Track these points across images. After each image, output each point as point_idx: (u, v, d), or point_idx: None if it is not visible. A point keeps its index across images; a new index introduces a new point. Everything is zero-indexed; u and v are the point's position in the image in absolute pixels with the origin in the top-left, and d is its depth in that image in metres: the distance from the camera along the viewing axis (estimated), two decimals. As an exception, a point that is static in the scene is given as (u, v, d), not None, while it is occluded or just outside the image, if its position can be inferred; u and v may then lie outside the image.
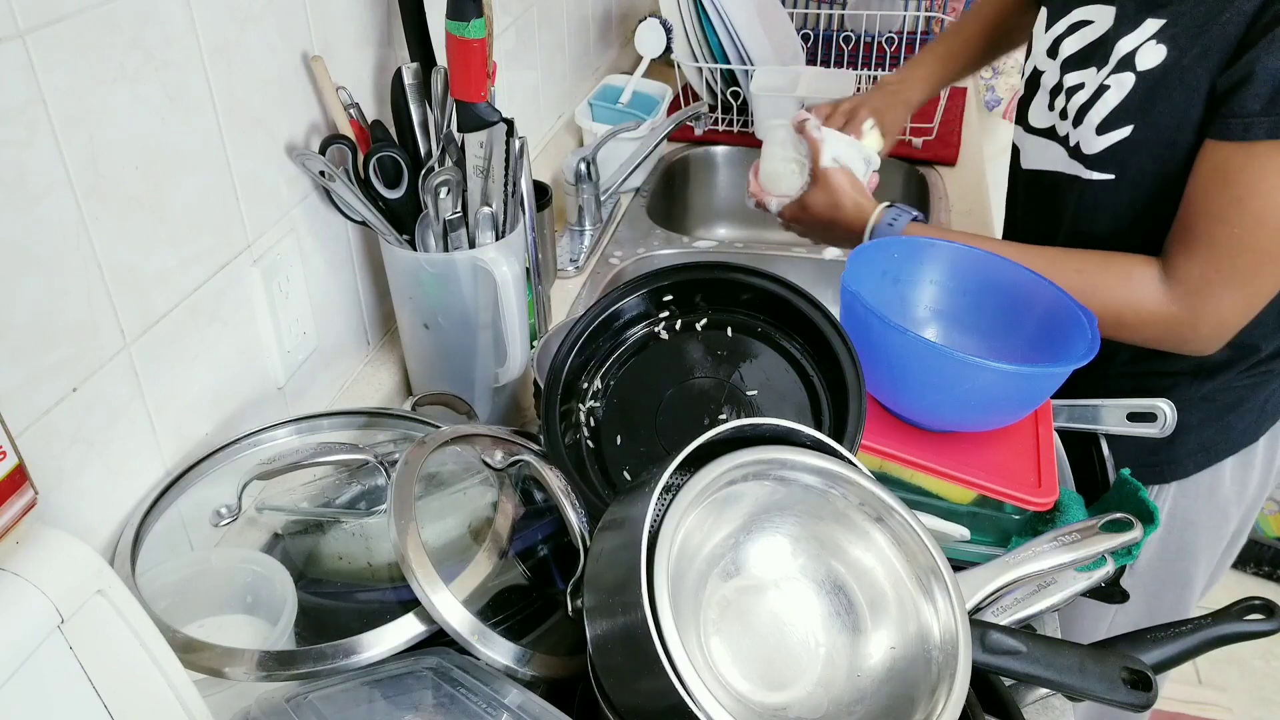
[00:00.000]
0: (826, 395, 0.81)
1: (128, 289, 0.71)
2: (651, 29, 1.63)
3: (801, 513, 0.67)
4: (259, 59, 0.82)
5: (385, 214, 0.92)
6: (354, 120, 0.92)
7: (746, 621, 0.64)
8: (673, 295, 0.86)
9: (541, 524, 0.78)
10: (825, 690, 0.62)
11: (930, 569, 0.64)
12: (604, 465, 0.81)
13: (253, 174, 0.83)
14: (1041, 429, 0.88)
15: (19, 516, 0.54)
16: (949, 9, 1.86)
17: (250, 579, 0.73)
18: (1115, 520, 0.76)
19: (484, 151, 0.91)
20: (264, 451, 0.83)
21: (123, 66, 0.67)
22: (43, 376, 0.65)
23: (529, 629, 0.71)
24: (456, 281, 0.93)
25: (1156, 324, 0.89)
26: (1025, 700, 0.77)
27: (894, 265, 0.95)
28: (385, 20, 1.00)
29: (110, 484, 0.72)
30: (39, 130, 0.62)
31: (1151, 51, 0.88)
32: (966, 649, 0.61)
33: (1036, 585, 0.76)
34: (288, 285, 0.89)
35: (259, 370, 0.89)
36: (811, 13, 1.94)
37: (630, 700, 0.59)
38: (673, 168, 1.69)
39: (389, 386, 1.06)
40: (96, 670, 0.55)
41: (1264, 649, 2.09)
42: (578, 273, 1.38)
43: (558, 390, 0.81)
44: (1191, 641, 0.73)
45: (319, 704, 0.61)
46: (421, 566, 0.66)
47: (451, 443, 0.78)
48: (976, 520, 0.84)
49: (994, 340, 0.92)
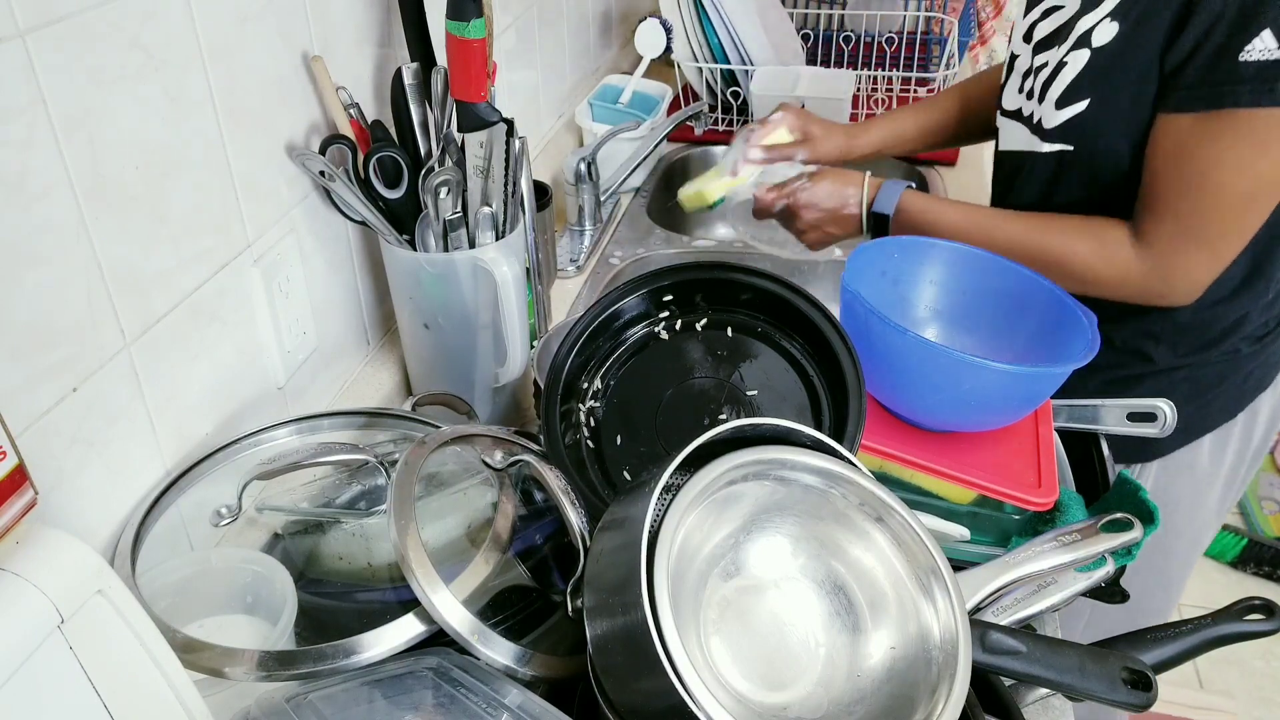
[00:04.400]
0: (826, 395, 0.81)
1: (128, 289, 0.71)
2: (651, 29, 1.63)
3: (801, 513, 0.67)
4: (259, 59, 0.82)
5: (385, 214, 0.92)
6: (354, 120, 0.92)
7: (746, 621, 0.64)
8: (673, 295, 0.86)
9: (541, 524, 0.78)
10: (825, 690, 0.62)
11: (930, 569, 0.64)
12: (604, 465, 0.81)
13: (253, 174, 0.83)
14: (1041, 429, 0.89)
15: (19, 516, 0.54)
16: (949, 9, 1.86)
17: (250, 579, 0.73)
18: (1115, 520, 0.76)
19: (484, 151, 0.91)
20: (264, 451, 0.83)
21: (123, 66, 0.67)
22: (43, 376, 0.65)
23: (529, 629, 0.71)
24: (456, 281, 0.93)
25: (1130, 282, 0.93)
26: (1025, 700, 0.77)
27: (894, 265, 0.95)
28: (385, 20, 1.00)
29: (110, 484, 0.72)
30: (39, 130, 0.62)
31: (1105, 28, 0.90)
32: (966, 649, 0.61)
33: (1036, 585, 0.76)
34: (288, 285, 0.89)
35: (259, 370, 0.89)
36: (811, 13, 1.94)
37: (630, 700, 0.59)
38: (673, 168, 1.69)
39: (389, 386, 1.06)
40: (96, 670, 0.55)
41: (1264, 649, 2.09)
42: (578, 273, 1.38)
43: (558, 390, 0.81)
44: (1191, 641, 0.73)
45: (319, 704, 0.61)
46: (421, 566, 0.66)
47: (451, 443, 0.78)
48: (976, 520, 0.84)
49: (994, 340, 0.92)
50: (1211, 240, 0.89)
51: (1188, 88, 0.84)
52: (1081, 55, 0.92)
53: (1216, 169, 0.85)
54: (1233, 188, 0.85)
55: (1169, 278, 0.91)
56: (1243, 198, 0.86)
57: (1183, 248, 0.89)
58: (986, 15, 2.33)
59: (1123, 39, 0.89)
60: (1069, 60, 0.93)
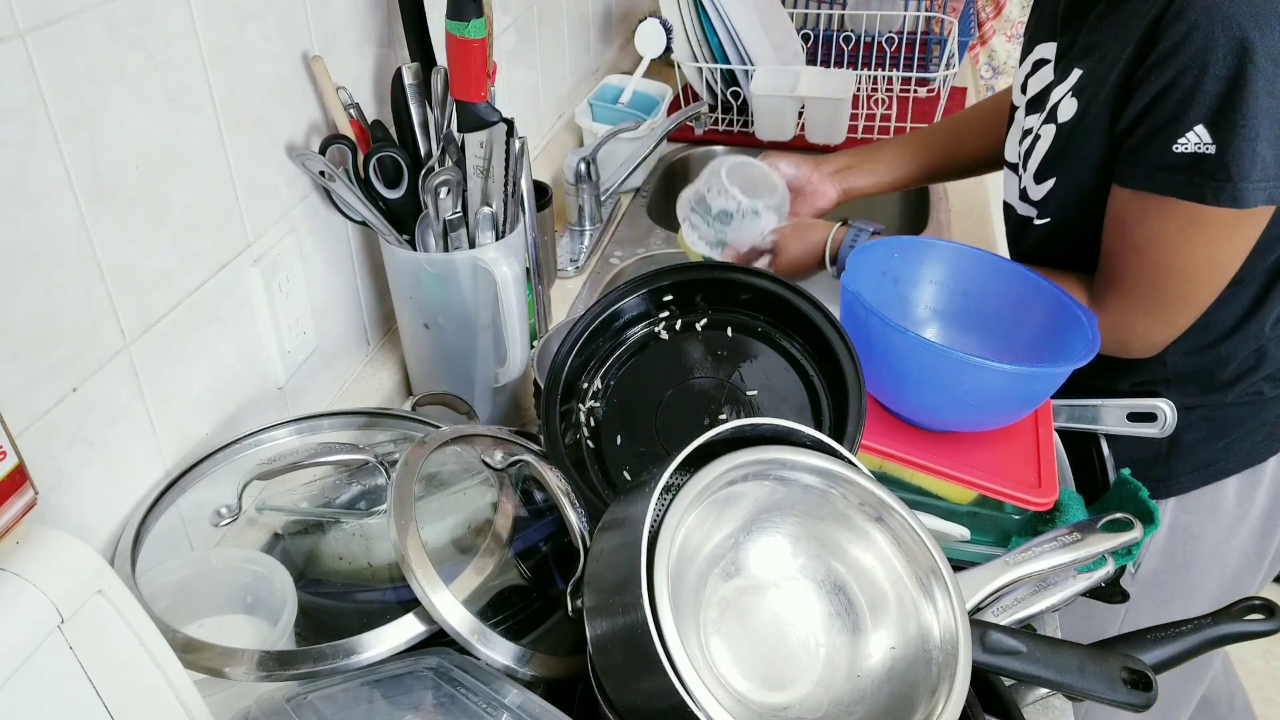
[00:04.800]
0: (826, 395, 0.81)
1: (128, 289, 0.71)
2: (651, 29, 1.63)
3: (801, 513, 0.67)
4: (259, 59, 0.82)
5: (385, 214, 0.92)
6: (354, 120, 0.92)
7: (746, 621, 0.64)
8: (673, 295, 0.86)
9: (541, 524, 0.78)
10: (825, 690, 0.62)
11: (930, 569, 0.64)
12: (604, 465, 0.81)
13: (253, 174, 0.83)
14: (1041, 429, 0.88)
15: (19, 516, 0.54)
16: (949, 9, 1.86)
17: (250, 579, 0.73)
18: (1115, 520, 0.76)
19: (484, 151, 0.91)
20: (264, 451, 0.83)
21: (123, 66, 0.67)
22: (43, 376, 0.65)
23: (529, 629, 0.71)
24: (456, 281, 0.93)
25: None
26: (1025, 700, 0.77)
27: (894, 265, 0.95)
28: (385, 20, 1.00)
29: (110, 484, 0.72)
30: (39, 130, 0.62)
31: (1068, 104, 0.90)
32: (966, 649, 0.61)
33: (1036, 585, 0.76)
34: (288, 285, 0.89)
35: (259, 370, 0.89)
36: (811, 13, 1.94)
37: (630, 700, 0.59)
38: (673, 168, 1.69)
39: (389, 386, 1.06)
40: (96, 670, 0.55)
41: (1264, 649, 2.09)
42: (578, 273, 1.38)
43: (558, 390, 0.81)
44: (1191, 641, 0.73)
45: (319, 704, 0.61)
46: (421, 566, 0.66)
47: (451, 443, 0.78)
48: (976, 520, 0.84)
49: (994, 340, 0.92)
50: (1159, 309, 0.89)
51: (1125, 163, 0.84)
52: (1049, 130, 0.92)
53: (1151, 245, 0.85)
54: (1169, 265, 0.85)
55: (1124, 339, 0.91)
56: (1180, 275, 0.86)
57: (1132, 314, 0.90)
58: (986, 15, 2.34)
59: (1079, 116, 0.89)
60: (1041, 134, 0.94)
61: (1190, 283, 0.87)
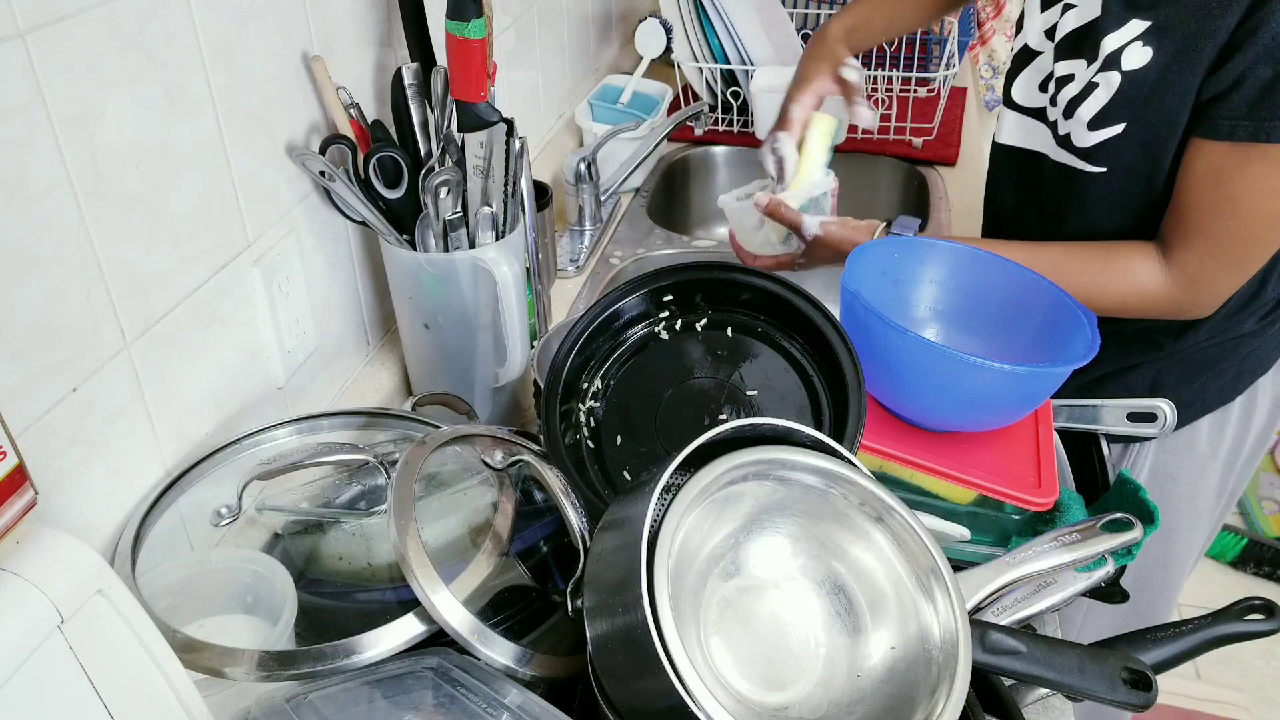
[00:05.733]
0: (826, 395, 0.81)
1: (128, 289, 0.71)
2: (651, 29, 1.63)
3: (801, 513, 0.67)
4: (259, 59, 0.82)
5: (385, 214, 0.92)
6: (354, 120, 0.92)
7: (746, 621, 0.64)
8: (673, 295, 0.86)
9: (541, 524, 0.78)
10: (825, 690, 0.62)
11: (930, 569, 0.64)
12: (604, 465, 0.81)
13: (253, 174, 0.83)
14: (1041, 429, 0.89)
15: (19, 516, 0.54)
16: (949, 9, 1.86)
17: (250, 579, 0.73)
18: (1115, 520, 0.76)
19: (484, 151, 0.91)
20: (264, 451, 0.83)
21: (123, 66, 0.67)
22: (43, 377, 0.65)
23: (529, 629, 0.71)
24: (456, 281, 0.93)
25: (1161, 305, 0.96)
26: (1025, 700, 0.77)
27: (894, 265, 0.95)
28: (385, 20, 1.00)
29: (110, 484, 0.72)
30: (39, 130, 0.62)
31: (1137, 53, 0.91)
32: (966, 649, 0.61)
33: (1036, 585, 0.76)
34: (288, 285, 0.89)
35: (259, 370, 0.89)
36: (811, 13, 1.94)
37: (630, 700, 0.59)
38: (673, 168, 1.69)
39: (389, 386, 1.06)
40: (96, 670, 0.55)
41: (1264, 649, 2.09)
42: (578, 273, 1.38)
43: (558, 390, 0.81)
44: (1191, 641, 0.73)
45: (319, 704, 0.61)
46: (421, 566, 0.66)
47: (451, 443, 0.78)
48: (976, 520, 0.84)
49: (994, 340, 0.92)
50: (1240, 260, 0.91)
51: (1229, 118, 0.86)
52: (1113, 78, 0.92)
53: (1250, 194, 0.87)
54: (1265, 212, 0.87)
55: (1198, 297, 0.94)
56: (1272, 221, 0.88)
57: (1211, 267, 0.91)
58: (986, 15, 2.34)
59: (1161, 68, 0.89)
60: (1100, 82, 0.93)
61: (1275, 229, 0.89)
